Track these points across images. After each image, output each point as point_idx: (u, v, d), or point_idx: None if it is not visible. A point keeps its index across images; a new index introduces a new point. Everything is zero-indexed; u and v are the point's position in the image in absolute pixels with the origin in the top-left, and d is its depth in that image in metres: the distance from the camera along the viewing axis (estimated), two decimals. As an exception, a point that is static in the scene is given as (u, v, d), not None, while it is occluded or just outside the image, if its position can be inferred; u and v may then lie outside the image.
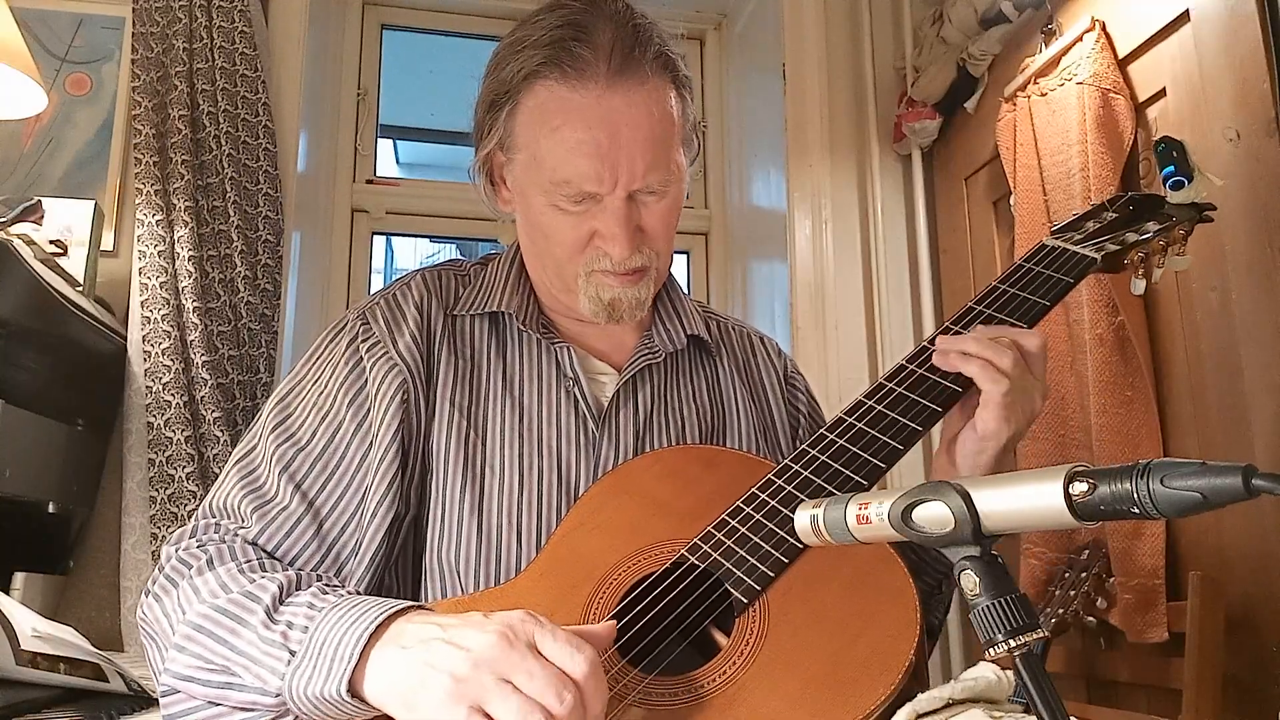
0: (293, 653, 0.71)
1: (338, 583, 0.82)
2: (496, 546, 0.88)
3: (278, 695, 0.71)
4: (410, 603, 0.73)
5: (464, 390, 0.94)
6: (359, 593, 0.81)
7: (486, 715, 0.63)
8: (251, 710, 0.73)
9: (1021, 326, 0.90)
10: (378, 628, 0.70)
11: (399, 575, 0.92)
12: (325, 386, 0.93)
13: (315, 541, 0.85)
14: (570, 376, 0.96)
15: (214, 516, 0.87)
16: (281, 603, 0.75)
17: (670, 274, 1.06)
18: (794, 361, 1.14)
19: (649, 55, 0.89)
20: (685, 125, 0.95)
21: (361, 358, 0.93)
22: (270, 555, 0.84)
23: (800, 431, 1.08)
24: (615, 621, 0.74)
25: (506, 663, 0.64)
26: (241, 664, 0.73)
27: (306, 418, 0.91)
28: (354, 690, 0.69)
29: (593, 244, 0.92)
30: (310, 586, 0.78)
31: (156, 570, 0.83)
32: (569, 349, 0.97)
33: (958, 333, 0.91)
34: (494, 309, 0.98)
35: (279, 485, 0.87)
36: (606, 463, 0.93)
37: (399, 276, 1.03)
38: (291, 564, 0.84)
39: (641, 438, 0.96)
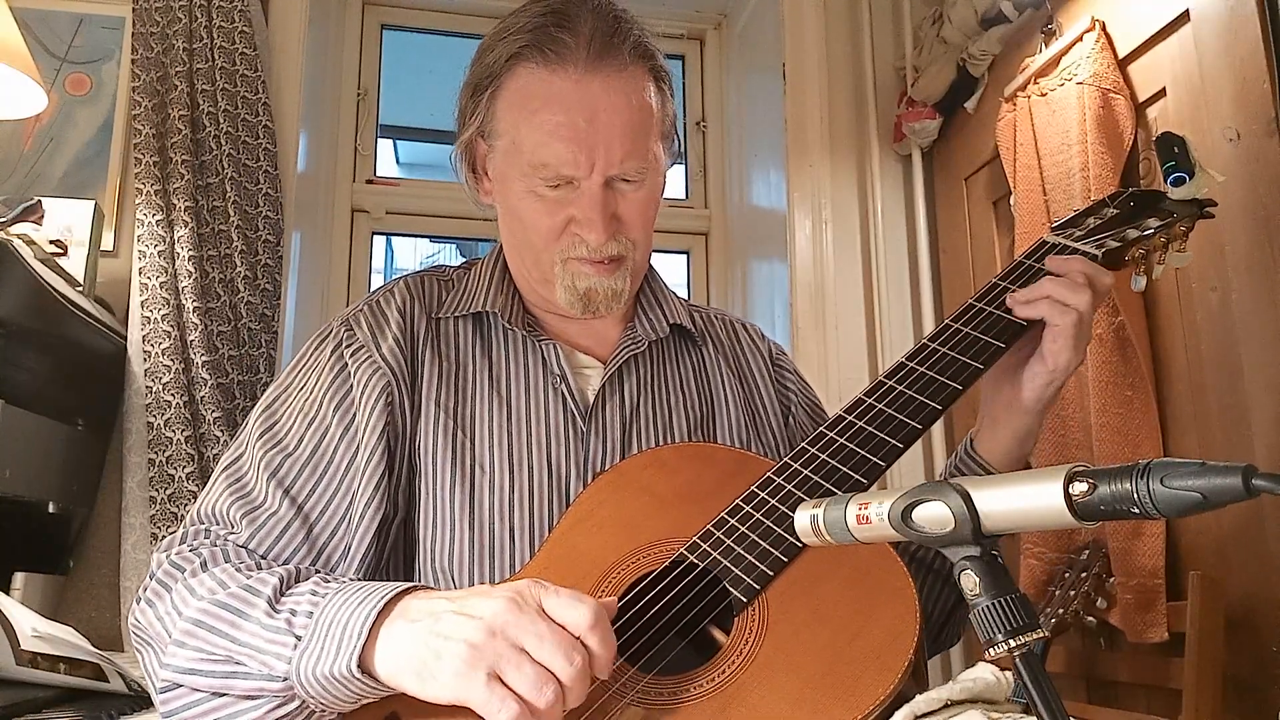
0: (298, 637, 0.72)
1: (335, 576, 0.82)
2: (489, 544, 0.88)
3: (285, 679, 0.71)
4: (414, 583, 0.74)
5: (449, 391, 0.94)
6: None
7: (504, 682, 0.64)
8: (258, 697, 0.73)
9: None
10: (386, 604, 0.71)
11: (391, 578, 0.92)
12: (311, 392, 0.93)
13: (305, 545, 0.85)
14: (557, 373, 0.97)
15: (203, 523, 0.87)
16: (283, 594, 0.75)
17: (651, 267, 1.06)
18: (779, 344, 1.14)
19: (628, 44, 0.91)
20: (664, 118, 0.96)
21: (346, 363, 0.93)
22: (262, 559, 0.84)
23: (793, 411, 1.08)
24: (615, 598, 0.75)
25: (518, 627, 0.66)
26: (246, 653, 0.73)
27: (293, 424, 0.91)
28: (364, 666, 0.69)
29: (569, 230, 0.93)
30: (311, 578, 0.78)
31: (148, 577, 0.83)
32: (555, 345, 0.97)
33: (958, 330, 0.91)
34: (478, 309, 0.99)
35: (267, 490, 0.87)
36: (595, 457, 0.94)
37: (383, 284, 1.03)
38: None
39: (628, 430, 0.96)
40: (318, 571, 0.81)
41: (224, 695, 0.74)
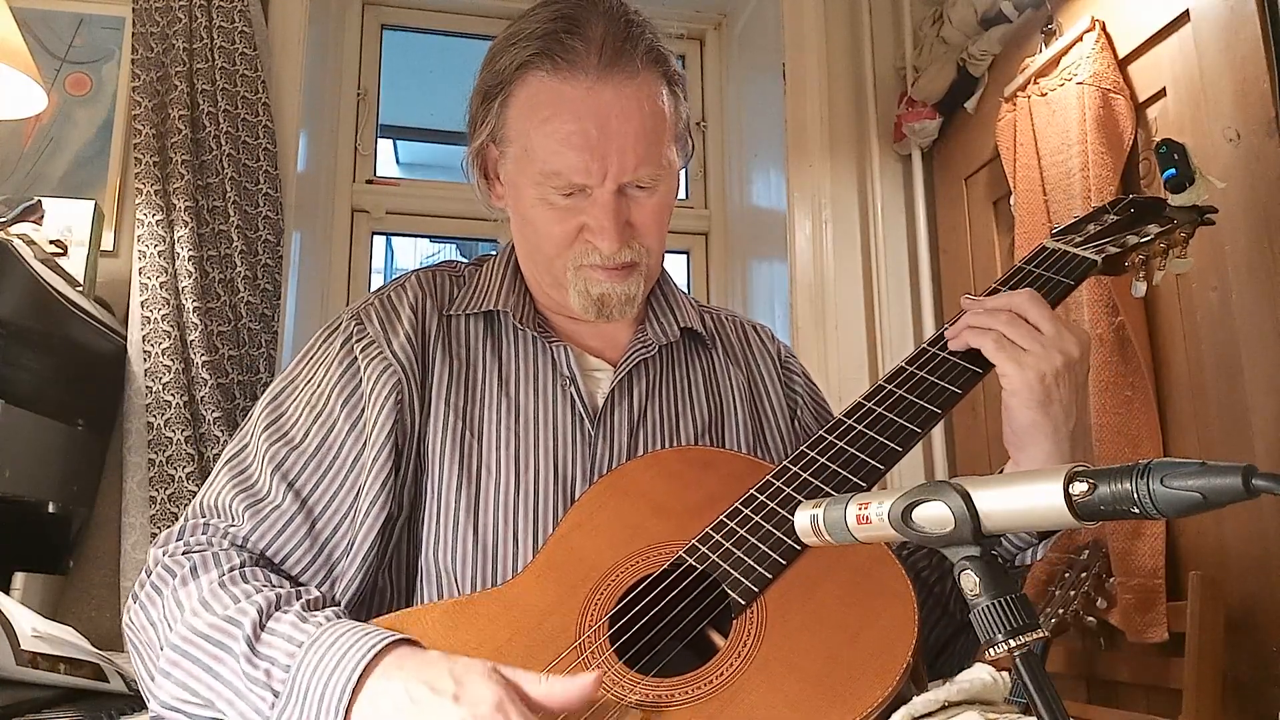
0: (276, 693, 0.71)
1: (318, 594, 0.81)
2: (492, 547, 0.88)
3: None
4: (387, 639, 0.71)
5: (459, 390, 0.94)
6: (337, 604, 0.81)
7: None
8: None
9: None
10: (364, 671, 0.68)
11: (393, 577, 0.91)
12: (319, 386, 0.92)
13: (308, 540, 0.85)
14: (567, 375, 0.96)
15: (203, 516, 0.86)
16: (263, 628, 0.74)
17: (664, 269, 1.06)
18: (788, 346, 1.14)
19: (640, 50, 0.89)
20: (677, 123, 0.94)
21: (356, 358, 0.92)
22: (261, 555, 0.83)
23: (799, 412, 1.07)
24: (598, 674, 0.71)
25: None
26: (226, 698, 0.72)
27: (300, 417, 0.90)
28: None
29: (581, 238, 0.92)
30: (291, 608, 0.76)
31: (144, 573, 0.82)
32: (565, 347, 0.97)
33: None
34: (489, 308, 0.98)
35: (271, 484, 0.86)
36: (602, 461, 0.93)
37: (394, 278, 1.02)
38: (283, 563, 0.84)
39: (636, 435, 0.95)
40: (298, 594, 0.79)
41: None
